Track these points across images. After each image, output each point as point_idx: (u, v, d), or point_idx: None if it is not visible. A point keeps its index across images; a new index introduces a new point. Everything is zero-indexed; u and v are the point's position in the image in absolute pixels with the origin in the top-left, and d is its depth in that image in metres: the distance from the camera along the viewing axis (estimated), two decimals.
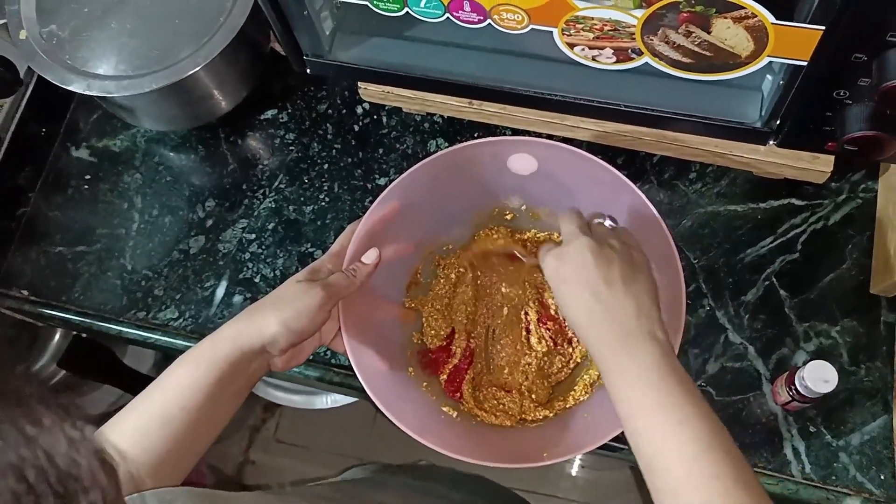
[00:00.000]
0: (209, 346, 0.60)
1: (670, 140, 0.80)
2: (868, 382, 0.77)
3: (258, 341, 0.60)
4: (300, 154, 0.93)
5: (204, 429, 0.60)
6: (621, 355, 0.53)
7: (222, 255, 0.89)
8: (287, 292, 0.63)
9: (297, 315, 0.61)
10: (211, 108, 0.91)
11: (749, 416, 0.77)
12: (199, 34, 0.83)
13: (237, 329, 0.61)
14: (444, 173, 0.71)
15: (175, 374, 0.60)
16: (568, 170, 0.71)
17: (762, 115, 0.73)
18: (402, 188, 0.70)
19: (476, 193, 0.76)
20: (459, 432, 0.71)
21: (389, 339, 0.75)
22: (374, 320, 0.73)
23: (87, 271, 0.90)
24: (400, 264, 0.76)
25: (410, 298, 0.78)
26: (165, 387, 0.59)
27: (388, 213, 0.70)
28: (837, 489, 0.74)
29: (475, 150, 0.70)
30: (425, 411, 0.72)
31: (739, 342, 0.80)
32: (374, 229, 0.69)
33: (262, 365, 0.64)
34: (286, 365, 0.67)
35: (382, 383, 0.68)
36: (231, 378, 0.60)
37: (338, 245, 0.70)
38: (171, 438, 0.57)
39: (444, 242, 0.80)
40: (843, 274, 0.81)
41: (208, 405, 0.59)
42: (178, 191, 0.93)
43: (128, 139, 0.96)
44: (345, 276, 0.66)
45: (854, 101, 0.65)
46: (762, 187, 0.85)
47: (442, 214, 0.77)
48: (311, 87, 0.96)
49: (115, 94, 0.82)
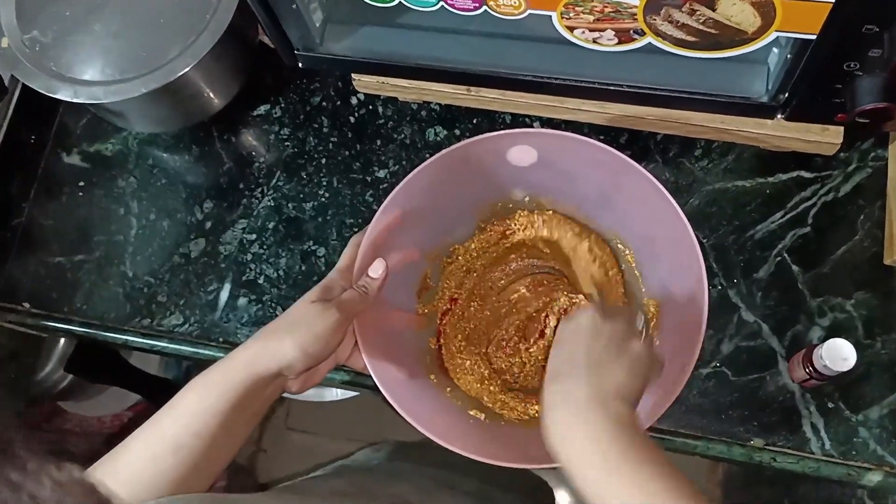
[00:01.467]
0: (222, 371, 0.59)
1: (674, 119, 0.78)
2: (885, 355, 0.76)
3: (274, 366, 0.59)
4: (296, 149, 0.91)
5: (218, 454, 0.59)
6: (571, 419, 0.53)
7: (224, 257, 0.88)
8: (301, 314, 0.62)
9: (314, 338, 0.60)
10: (203, 107, 0.89)
11: (765, 395, 0.77)
12: (186, 32, 0.81)
13: (251, 354, 0.59)
14: (444, 174, 0.70)
15: (187, 400, 0.58)
16: (569, 156, 0.69)
17: (769, 90, 0.71)
18: (403, 195, 0.68)
19: (478, 190, 0.75)
20: (488, 436, 0.70)
21: (407, 348, 0.74)
22: (390, 331, 0.71)
23: (87, 280, 0.89)
24: (408, 271, 0.74)
25: (423, 304, 0.77)
26: (177, 414, 0.58)
27: (392, 221, 0.69)
28: (858, 464, 0.74)
29: (473, 148, 0.68)
30: (452, 417, 0.71)
31: (753, 320, 0.79)
32: (378, 240, 0.68)
33: (277, 389, 0.63)
34: (302, 387, 0.66)
35: (407, 395, 0.66)
36: (246, 404, 0.59)
37: (345, 259, 0.69)
38: (184, 465, 0.56)
39: (449, 244, 0.78)
40: (856, 246, 0.80)
41: (222, 431, 0.57)
42: (174, 193, 0.91)
43: (119, 142, 0.94)
44: (358, 293, 0.65)
45: (865, 73, 0.63)
46: (770, 161, 0.83)
47: (445, 216, 0.75)
48: (304, 79, 0.94)
49: (105, 100, 0.79)
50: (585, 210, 0.76)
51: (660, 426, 0.77)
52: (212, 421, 0.57)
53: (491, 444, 0.68)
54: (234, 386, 0.58)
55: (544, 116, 0.85)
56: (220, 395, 0.58)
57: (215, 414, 0.57)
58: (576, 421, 0.53)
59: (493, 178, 0.74)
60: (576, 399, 0.53)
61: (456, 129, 0.90)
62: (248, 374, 0.58)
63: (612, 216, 0.74)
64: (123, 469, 0.55)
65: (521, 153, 0.70)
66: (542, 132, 0.67)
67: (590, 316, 0.59)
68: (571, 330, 0.59)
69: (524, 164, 0.71)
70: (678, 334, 0.66)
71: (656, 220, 0.67)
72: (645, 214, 0.69)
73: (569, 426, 0.53)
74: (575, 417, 0.53)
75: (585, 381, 0.54)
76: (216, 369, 0.59)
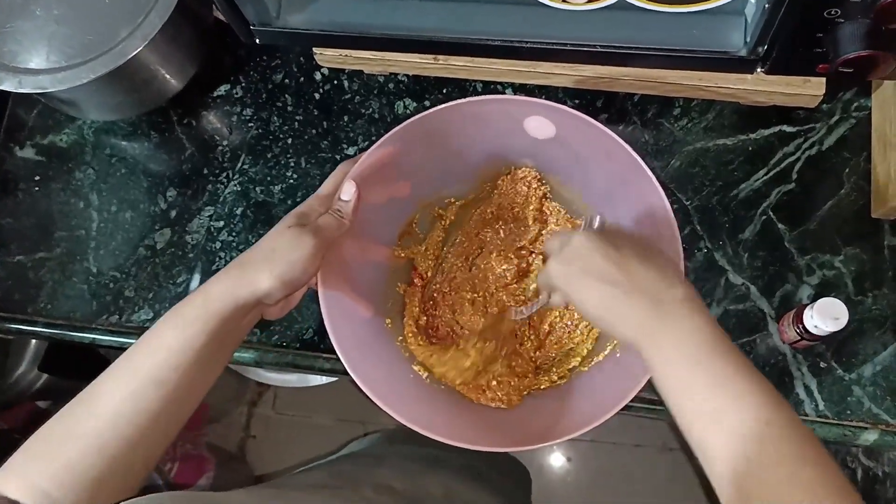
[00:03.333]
0: (198, 303, 0.57)
1: (651, 78, 0.75)
2: (876, 311, 0.74)
3: (252, 296, 0.58)
4: (261, 130, 0.87)
5: (198, 385, 0.58)
6: (658, 333, 0.50)
7: (191, 246, 0.84)
8: (278, 242, 0.60)
9: (291, 267, 0.58)
10: (159, 91, 0.84)
11: (757, 358, 0.75)
12: (133, 12, 0.76)
13: (229, 285, 0.58)
14: (451, 126, 0.67)
15: (164, 335, 0.56)
16: (585, 140, 0.66)
17: (747, 42, 0.68)
18: (404, 135, 0.65)
19: (484, 150, 0.72)
20: (425, 397, 0.68)
21: (372, 286, 0.72)
22: (360, 264, 0.69)
23: (50, 279, 0.85)
24: (395, 208, 0.72)
25: (402, 247, 0.75)
26: (154, 349, 0.56)
27: (385, 156, 0.66)
28: (854, 424, 0.72)
29: (490, 106, 0.65)
30: (395, 369, 0.69)
31: (741, 283, 0.77)
32: (367, 172, 0.65)
33: (255, 316, 0.63)
34: (280, 313, 0.65)
35: (351, 335, 0.64)
36: (224, 334, 0.58)
37: (327, 186, 0.66)
38: (166, 398, 0.55)
39: (445, 196, 0.75)
40: (843, 200, 0.78)
41: (202, 362, 0.56)
42: (135, 183, 0.87)
43: (74, 132, 0.90)
44: (334, 218, 0.63)
45: (847, 20, 0.60)
46: (751, 117, 0.80)
47: (445, 167, 0.72)
48: (264, 56, 0.90)
49: (52, 88, 0.75)
50: (588, 199, 0.73)
51: (650, 397, 0.75)
52: (191, 353, 0.56)
53: (426, 406, 0.66)
54: (212, 317, 0.56)
55: (517, 83, 0.82)
56: (198, 328, 0.56)
57: (194, 346, 0.56)
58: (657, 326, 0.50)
59: (503, 143, 0.71)
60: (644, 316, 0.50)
61: (426, 100, 0.86)
62: (226, 305, 0.57)
63: (612, 213, 0.71)
64: (104, 409, 0.53)
65: (539, 125, 0.67)
66: (564, 110, 0.63)
67: (584, 239, 0.55)
68: (582, 259, 0.54)
69: (540, 136, 0.68)
70: None
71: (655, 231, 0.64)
72: (644, 221, 0.65)
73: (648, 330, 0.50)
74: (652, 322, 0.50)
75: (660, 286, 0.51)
76: (191, 302, 0.57)
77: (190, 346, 0.56)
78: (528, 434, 0.62)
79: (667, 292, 0.51)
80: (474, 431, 0.65)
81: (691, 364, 0.48)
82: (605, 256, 0.53)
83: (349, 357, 0.62)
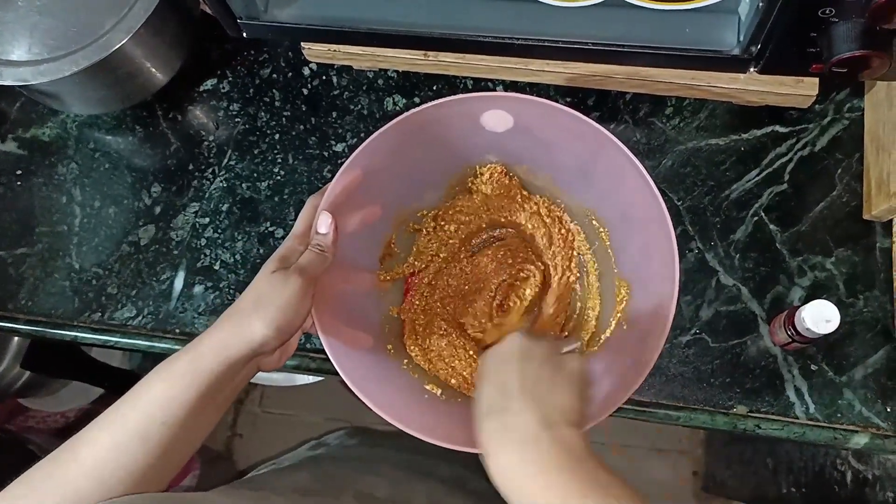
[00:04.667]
0: (189, 359, 0.55)
1: (643, 76, 0.74)
2: (867, 313, 0.74)
3: (247, 348, 0.56)
4: (248, 126, 0.86)
5: (186, 442, 0.56)
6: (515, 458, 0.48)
7: (176, 243, 0.83)
8: (264, 289, 0.58)
9: (282, 312, 0.56)
10: (144, 84, 0.83)
11: (748, 360, 0.74)
12: (118, 4, 0.75)
13: (220, 339, 0.56)
14: (411, 136, 0.65)
15: (152, 389, 0.54)
16: (547, 125, 0.64)
17: (740, 41, 0.67)
18: (366, 156, 0.63)
19: (448, 155, 0.70)
20: (444, 415, 0.66)
21: (366, 315, 0.70)
22: (348, 296, 0.68)
23: (31, 275, 0.84)
24: (371, 234, 0.70)
25: (385, 271, 0.73)
26: (143, 404, 0.54)
27: (352, 183, 0.64)
28: (844, 427, 0.72)
29: (443, 110, 0.63)
30: (407, 392, 0.67)
31: (732, 284, 0.76)
32: (337, 201, 0.63)
33: (251, 370, 0.61)
34: (279, 362, 0.63)
35: (359, 367, 0.63)
36: (216, 390, 0.56)
37: (301, 224, 0.64)
38: (152, 454, 0.53)
39: (417, 209, 0.74)
40: (835, 201, 0.77)
41: (191, 419, 0.54)
42: (119, 178, 0.86)
43: (57, 126, 0.88)
44: (315, 253, 0.61)
45: (841, 19, 0.60)
46: (743, 117, 0.80)
47: (412, 180, 0.71)
48: (252, 50, 0.88)
49: (33, 81, 0.74)
50: (561, 183, 0.72)
51: (640, 398, 0.74)
52: (180, 411, 0.54)
53: (446, 423, 0.64)
54: (203, 374, 0.54)
55: (507, 80, 0.81)
56: (188, 385, 0.54)
57: (183, 403, 0.54)
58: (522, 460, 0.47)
59: (465, 143, 0.69)
60: (520, 435, 0.48)
61: (416, 96, 0.85)
62: (219, 361, 0.55)
63: (589, 192, 0.70)
64: (86, 459, 0.52)
65: (495, 118, 0.65)
66: (518, 97, 0.62)
67: (517, 338, 0.55)
68: (498, 358, 0.54)
69: (499, 129, 0.67)
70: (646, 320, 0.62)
71: (634, 200, 0.63)
72: (623, 193, 0.64)
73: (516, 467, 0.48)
74: (520, 455, 0.48)
75: (526, 411, 0.49)
76: (183, 357, 0.55)
77: (177, 403, 0.54)
78: None
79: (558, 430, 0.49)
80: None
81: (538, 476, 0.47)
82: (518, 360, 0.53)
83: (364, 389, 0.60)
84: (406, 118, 0.62)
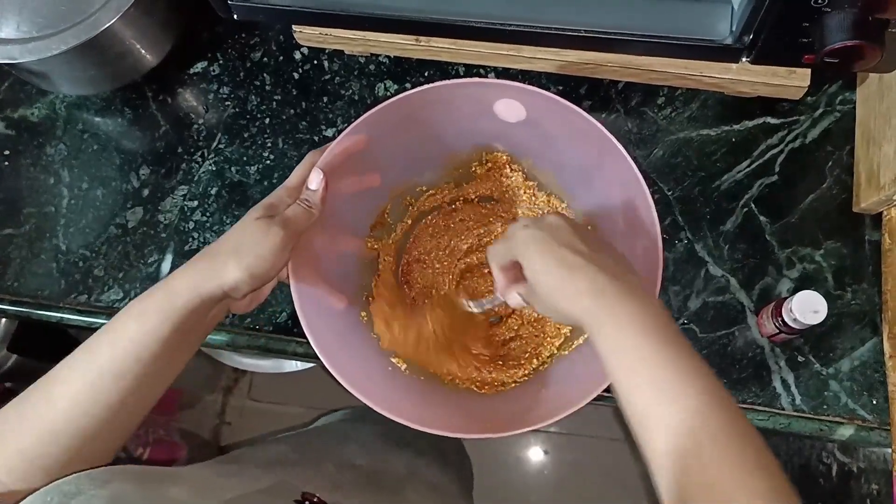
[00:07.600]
0: (163, 296, 0.55)
1: (635, 65, 0.74)
2: (855, 305, 0.74)
3: (218, 290, 0.56)
4: (238, 109, 0.85)
5: (159, 377, 0.56)
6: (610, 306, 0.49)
7: (164, 226, 0.82)
8: (246, 234, 0.58)
9: (260, 260, 0.57)
10: (133, 65, 0.82)
11: (735, 351, 0.74)
12: None
13: (194, 278, 0.56)
14: (421, 111, 0.65)
15: (126, 326, 0.55)
16: (557, 121, 0.64)
17: (733, 31, 0.67)
18: (373, 122, 0.63)
19: (454, 136, 0.70)
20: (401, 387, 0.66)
21: (345, 277, 0.70)
22: (330, 255, 0.68)
23: (17, 255, 0.83)
24: (365, 199, 0.70)
25: (374, 239, 0.73)
26: (115, 339, 0.54)
27: (354, 145, 0.64)
28: (830, 419, 0.72)
29: (459, 90, 0.63)
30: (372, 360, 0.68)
31: (721, 275, 0.76)
32: (336, 161, 0.63)
33: (221, 310, 0.61)
34: (248, 307, 0.64)
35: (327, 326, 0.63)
36: (189, 327, 0.56)
37: (296, 177, 0.64)
38: (126, 390, 0.53)
39: (416, 184, 0.74)
40: (824, 194, 0.77)
41: (164, 356, 0.55)
42: (107, 159, 0.85)
43: (46, 107, 0.87)
44: (302, 208, 0.61)
45: (834, 9, 0.59)
46: (735, 108, 0.80)
47: (415, 155, 0.71)
48: (243, 33, 0.88)
49: (21, 59, 0.73)
50: (563, 182, 0.72)
51: None
52: (154, 346, 0.54)
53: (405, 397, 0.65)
54: (176, 310, 0.55)
55: (499, 66, 0.81)
56: (162, 321, 0.54)
57: (157, 339, 0.54)
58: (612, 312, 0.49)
59: (473, 127, 0.69)
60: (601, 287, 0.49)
61: (407, 82, 0.85)
62: (192, 299, 0.55)
63: (589, 195, 0.70)
64: (60, 398, 0.52)
65: (509, 107, 0.65)
66: (535, 91, 0.61)
67: (557, 216, 0.55)
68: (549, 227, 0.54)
69: (510, 119, 0.67)
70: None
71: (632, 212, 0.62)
72: (624, 203, 0.64)
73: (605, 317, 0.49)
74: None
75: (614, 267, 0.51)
76: (156, 293, 0.56)
77: (152, 339, 0.54)
78: (506, 420, 0.61)
79: (623, 275, 0.51)
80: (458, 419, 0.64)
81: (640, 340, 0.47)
82: (574, 232, 0.53)
83: (324, 348, 0.60)
84: (420, 92, 0.62)
